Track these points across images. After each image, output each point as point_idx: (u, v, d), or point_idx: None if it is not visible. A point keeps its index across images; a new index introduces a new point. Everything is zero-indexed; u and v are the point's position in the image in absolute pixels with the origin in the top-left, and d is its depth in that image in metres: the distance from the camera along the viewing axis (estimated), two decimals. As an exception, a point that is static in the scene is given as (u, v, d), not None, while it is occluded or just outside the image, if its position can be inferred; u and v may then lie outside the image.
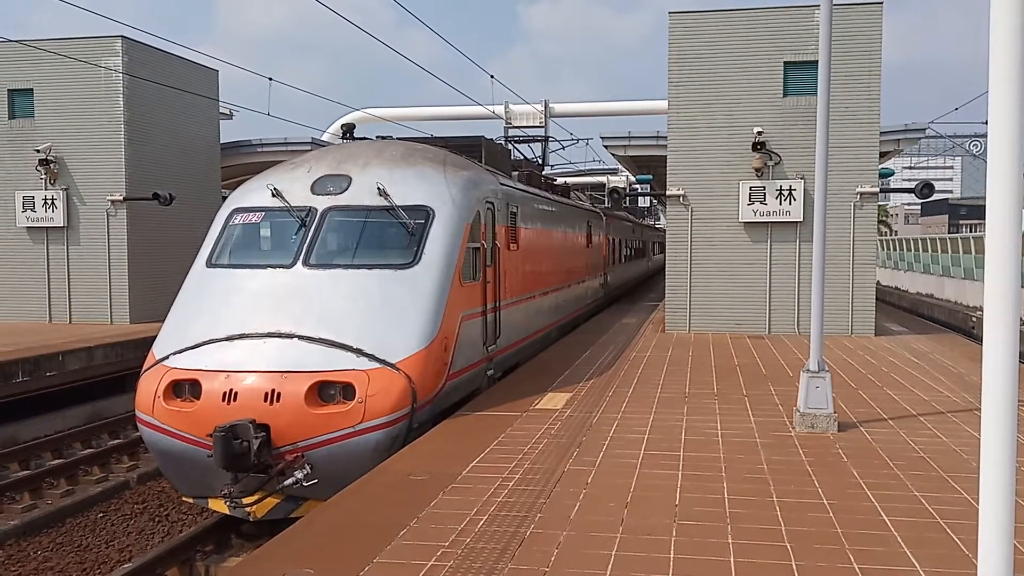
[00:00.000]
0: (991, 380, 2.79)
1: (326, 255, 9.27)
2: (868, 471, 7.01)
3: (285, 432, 7.76)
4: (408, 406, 8.12)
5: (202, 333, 8.53)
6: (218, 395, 7.88)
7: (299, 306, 8.63)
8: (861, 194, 16.09)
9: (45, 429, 13.92)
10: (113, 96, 19.14)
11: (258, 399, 7.79)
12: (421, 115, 29.31)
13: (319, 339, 8.23)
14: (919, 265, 34.50)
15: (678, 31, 16.68)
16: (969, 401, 9.90)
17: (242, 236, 9.81)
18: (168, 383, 8.23)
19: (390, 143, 11.54)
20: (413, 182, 9.83)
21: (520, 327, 12.92)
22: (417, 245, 9.25)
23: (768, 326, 16.61)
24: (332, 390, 7.98)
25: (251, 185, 10.39)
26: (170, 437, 8.13)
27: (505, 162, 14.61)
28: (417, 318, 8.73)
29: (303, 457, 7.77)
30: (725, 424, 8.77)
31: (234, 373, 8.00)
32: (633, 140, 20.62)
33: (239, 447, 7.47)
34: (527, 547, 5.33)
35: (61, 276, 19.50)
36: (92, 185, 19.31)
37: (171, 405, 8.15)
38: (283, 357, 8.08)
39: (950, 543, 5.38)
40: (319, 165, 10.17)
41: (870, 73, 15.85)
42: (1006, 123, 2.73)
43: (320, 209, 9.52)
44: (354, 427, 7.81)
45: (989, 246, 2.79)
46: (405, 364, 8.25)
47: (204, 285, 9.33)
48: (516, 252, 12.64)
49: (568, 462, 7.31)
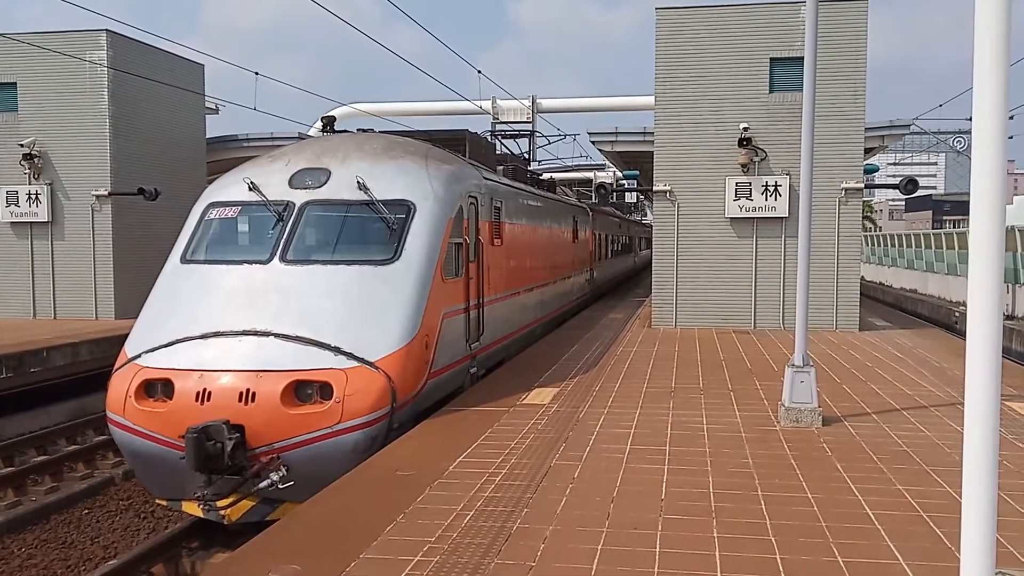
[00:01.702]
0: (974, 374, 2.81)
1: (304, 250, 9.06)
2: (852, 465, 7.05)
3: (260, 433, 7.56)
4: (387, 406, 7.92)
5: (175, 331, 8.31)
6: (191, 395, 7.67)
7: (276, 303, 8.42)
8: (846, 190, 16.19)
9: (30, 425, 13.84)
10: (98, 90, 19.01)
11: (232, 399, 7.59)
12: (408, 110, 29.27)
13: (296, 337, 8.02)
14: (903, 261, 34.74)
15: (665, 27, 16.71)
16: (952, 395, 9.98)
17: (218, 231, 9.56)
18: (140, 382, 8.00)
19: (371, 136, 11.25)
20: (394, 176, 9.63)
21: (504, 324, 12.73)
22: (398, 240, 9.05)
23: (754, 321, 16.70)
24: (309, 389, 7.76)
25: (228, 179, 10.15)
26: (142, 438, 7.91)
27: (490, 156, 14.40)
28: (397, 315, 8.53)
29: (279, 459, 7.56)
30: (711, 419, 8.80)
31: (208, 372, 7.79)
32: (620, 136, 20.68)
33: (212, 448, 7.28)
34: (513, 542, 5.34)
35: (45, 271, 19.36)
36: (77, 180, 19.18)
37: (143, 405, 7.93)
38: (258, 356, 7.88)
39: (933, 536, 5.42)
40: (298, 158, 9.95)
41: (855, 69, 15.93)
42: (990, 119, 2.75)
43: (298, 203, 9.32)
44: (332, 427, 7.60)
45: (973, 242, 2.81)
46: (385, 362, 8.05)
47: (178, 281, 9.11)
48: (500, 248, 12.46)
49: (555, 457, 7.33)
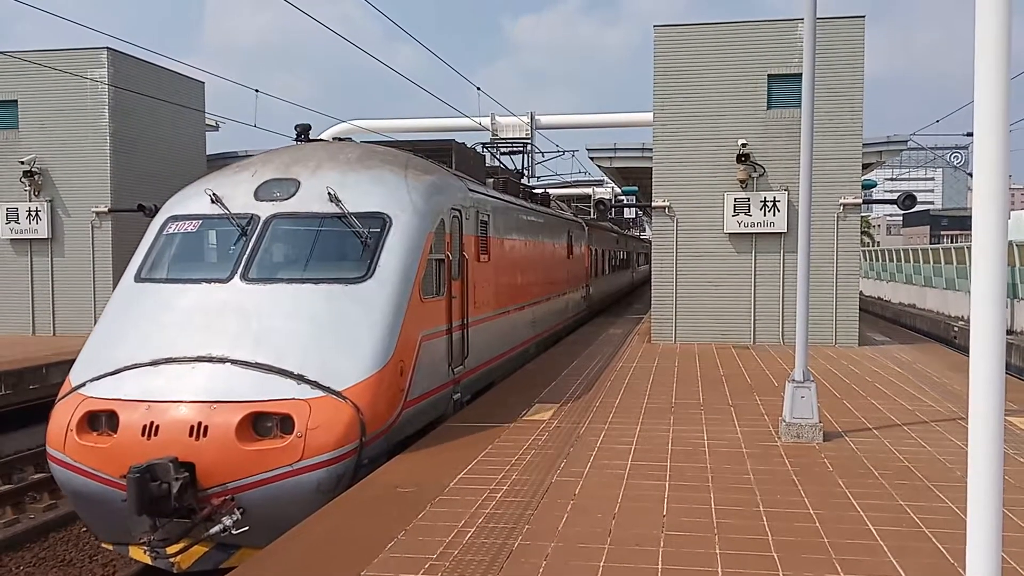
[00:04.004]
0: (978, 389, 2.81)
1: (268, 268, 8.37)
2: (854, 480, 7.04)
3: (213, 471, 6.82)
4: (356, 440, 7.21)
5: (124, 357, 7.60)
6: (137, 429, 6.95)
7: (235, 326, 7.72)
8: (844, 205, 16.24)
9: (28, 442, 13.79)
10: (98, 108, 19.12)
11: (182, 433, 6.87)
12: (408, 127, 29.31)
13: (255, 364, 7.32)
14: (902, 275, 34.79)
15: (663, 44, 16.82)
16: (952, 410, 9.97)
17: (176, 247, 8.88)
18: (83, 414, 7.26)
19: (346, 145, 10.48)
20: (368, 186, 8.97)
21: (492, 345, 12.03)
22: (371, 256, 8.37)
23: (753, 336, 16.70)
24: (268, 422, 7.04)
25: (190, 190, 9.54)
26: (83, 476, 7.15)
27: (478, 168, 13.70)
28: (369, 339, 7.82)
29: (233, 500, 6.83)
30: (711, 434, 8.79)
31: (156, 404, 7.07)
32: (619, 152, 20.73)
33: (157, 489, 6.53)
34: (515, 559, 5.32)
35: (45, 288, 19.42)
36: (77, 197, 19.28)
37: (85, 440, 7.17)
38: (212, 385, 7.17)
39: (936, 552, 5.41)
40: (265, 168, 9.25)
41: (852, 86, 16.03)
42: (991, 134, 2.76)
43: (263, 217, 8.64)
44: (292, 465, 6.87)
45: (976, 257, 2.81)
46: (353, 392, 7.35)
47: (131, 302, 8.41)
48: (487, 264, 11.86)
49: (555, 473, 7.31)
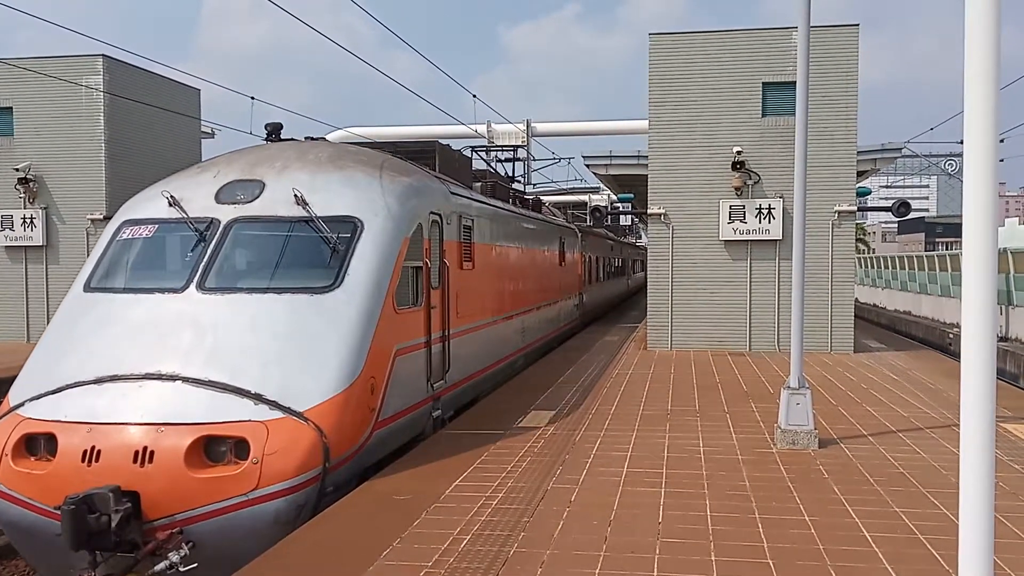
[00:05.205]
0: (969, 396, 2.83)
1: (227, 277, 7.73)
2: (849, 487, 7.05)
3: (159, 501, 6.21)
4: (318, 466, 6.59)
5: (66, 374, 7.00)
6: (76, 454, 6.34)
7: (188, 340, 7.08)
8: (839, 212, 16.29)
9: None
10: (94, 115, 19.11)
11: (126, 459, 6.27)
12: (404, 135, 29.36)
13: (208, 382, 6.72)
14: (897, 282, 34.85)
15: (658, 52, 16.90)
16: (947, 417, 9.99)
17: (128, 254, 8.25)
18: (19, 437, 6.64)
19: (317, 144, 9.76)
20: (339, 188, 8.36)
21: (476, 357, 11.36)
22: (340, 264, 7.74)
23: (748, 343, 16.73)
24: (221, 447, 6.44)
25: (147, 193, 8.90)
26: (19, 506, 6.48)
27: (464, 171, 13.09)
28: (335, 354, 7.18)
29: (182, 533, 6.22)
30: (707, 441, 8.80)
31: (98, 426, 6.46)
32: (614, 159, 20.81)
33: (95, 522, 5.91)
34: (511, 566, 5.32)
35: (40, 295, 19.37)
36: (72, 204, 19.25)
37: (20, 466, 6.55)
38: (160, 405, 6.57)
39: (931, 558, 5.42)
40: (229, 169, 8.66)
41: (847, 93, 16.10)
42: (981, 142, 2.79)
43: (224, 221, 8.04)
44: (247, 494, 6.26)
45: (966, 264, 2.84)
46: (315, 413, 6.71)
47: (78, 314, 7.77)
48: (471, 272, 11.22)
49: (551, 480, 7.31)
